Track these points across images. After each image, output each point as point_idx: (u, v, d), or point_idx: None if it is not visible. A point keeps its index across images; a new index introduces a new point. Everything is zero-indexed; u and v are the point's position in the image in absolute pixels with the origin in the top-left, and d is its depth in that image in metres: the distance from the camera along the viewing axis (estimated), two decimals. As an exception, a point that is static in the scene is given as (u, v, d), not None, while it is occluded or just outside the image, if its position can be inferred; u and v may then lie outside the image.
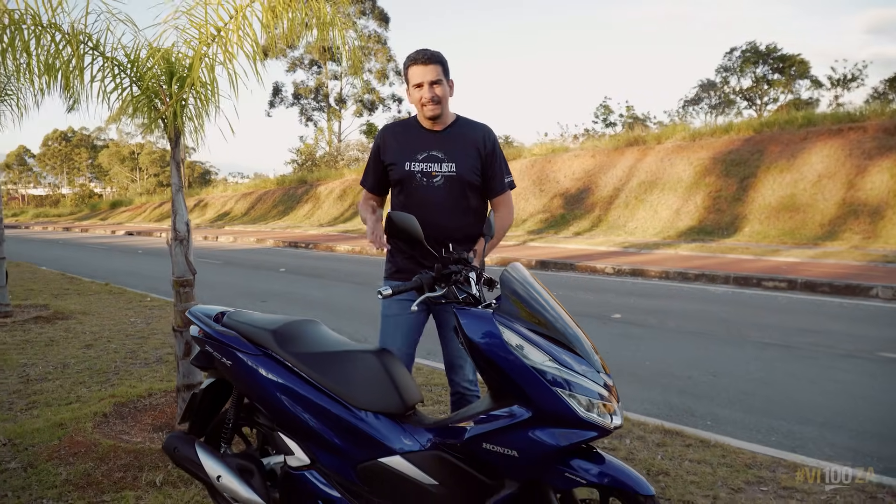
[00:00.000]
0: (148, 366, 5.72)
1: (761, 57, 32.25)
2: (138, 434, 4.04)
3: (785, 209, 15.95)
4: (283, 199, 35.64)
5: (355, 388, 2.53)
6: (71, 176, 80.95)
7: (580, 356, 2.24)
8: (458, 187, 2.91)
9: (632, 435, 4.00)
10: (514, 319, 2.25)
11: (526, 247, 17.11)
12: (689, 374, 5.68)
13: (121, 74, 4.09)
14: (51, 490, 3.34)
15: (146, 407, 4.51)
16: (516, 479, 2.22)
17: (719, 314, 8.38)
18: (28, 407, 4.65)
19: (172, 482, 3.38)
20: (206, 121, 4.13)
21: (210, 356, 2.79)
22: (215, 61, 3.82)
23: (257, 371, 2.62)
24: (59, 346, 6.47)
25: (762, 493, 3.22)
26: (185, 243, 4.07)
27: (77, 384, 5.18)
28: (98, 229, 36.54)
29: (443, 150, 2.91)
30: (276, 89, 45.81)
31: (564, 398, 2.13)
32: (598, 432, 2.16)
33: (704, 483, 3.31)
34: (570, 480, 2.20)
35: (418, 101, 2.88)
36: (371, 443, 2.46)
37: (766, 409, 4.73)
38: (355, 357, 2.63)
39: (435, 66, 2.87)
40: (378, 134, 3.07)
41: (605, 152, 21.99)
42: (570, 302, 9.40)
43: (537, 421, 2.15)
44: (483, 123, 3.08)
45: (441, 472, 2.35)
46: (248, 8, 3.85)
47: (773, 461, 3.58)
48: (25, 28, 4.08)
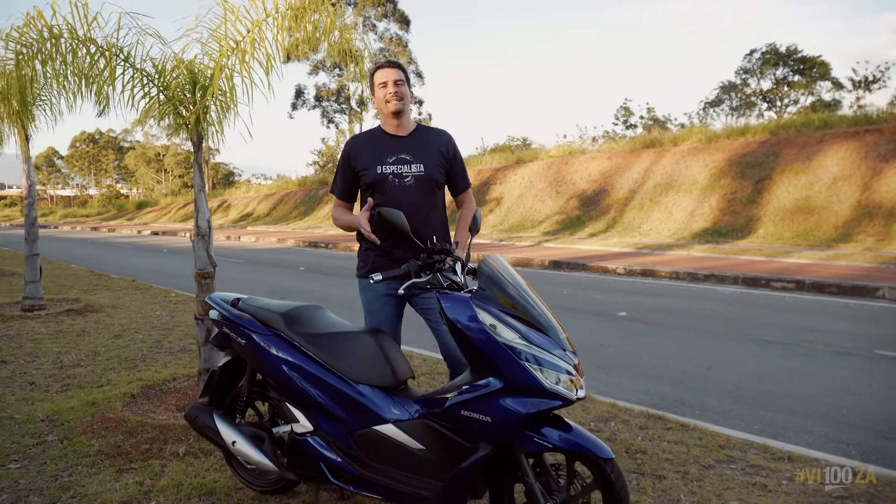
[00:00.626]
0: (172, 354, 6.11)
1: (781, 58, 32.14)
2: (163, 413, 4.41)
3: (799, 211, 16.04)
4: (304, 200, 36.18)
5: (353, 364, 2.86)
6: (98, 177, 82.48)
7: (549, 336, 2.54)
8: (427, 185, 3.19)
9: (617, 419, 4.28)
10: (490, 303, 2.56)
11: (540, 247, 17.36)
12: (685, 367, 5.92)
13: (149, 84, 4.46)
14: (85, 459, 3.71)
15: (170, 390, 4.89)
16: (490, 442, 2.52)
17: (724, 313, 8.59)
18: (63, 389, 5.05)
19: (193, 453, 3.73)
20: (225, 125, 4.49)
21: (227, 336, 3.13)
22: (234, 71, 4.18)
23: (268, 349, 2.96)
24: (89, 337, 6.89)
25: (730, 469, 3.49)
26: (206, 239, 4.43)
27: (107, 370, 5.57)
28: (125, 229, 37.36)
29: (410, 152, 3.20)
30: (299, 92, 46.31)
31: (532, 371, 2.43)
32: (563, 402, 2.46)
33: (678, 460, 3.60)
34: (539, 445, 2.51)
35: (382, 98, 3.17)
36: (366, 412, 2.78)
37: (756, 401, 4.97)
38: (354, 337, 2.96)
39: (397, 70, 3.20)
40: (346, 144, 3.32)
41: (621, 154, 22.16)
42: (578, 300, 9.68)
43: (508, 391, 2.46)
44: (443, 129, 3.38)
45: (427, 438, 2.67)
46: (262, 22, 4.20)
47: (745, 443, 3.85)
48: (63, 41, 4.48)
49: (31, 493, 3.33)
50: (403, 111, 3.21)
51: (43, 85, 7.89)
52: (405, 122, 3.26)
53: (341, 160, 3.33)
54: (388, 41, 45.98)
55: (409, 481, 2.69)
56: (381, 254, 3.20)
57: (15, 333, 7.09)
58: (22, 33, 4.55)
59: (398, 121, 3.23)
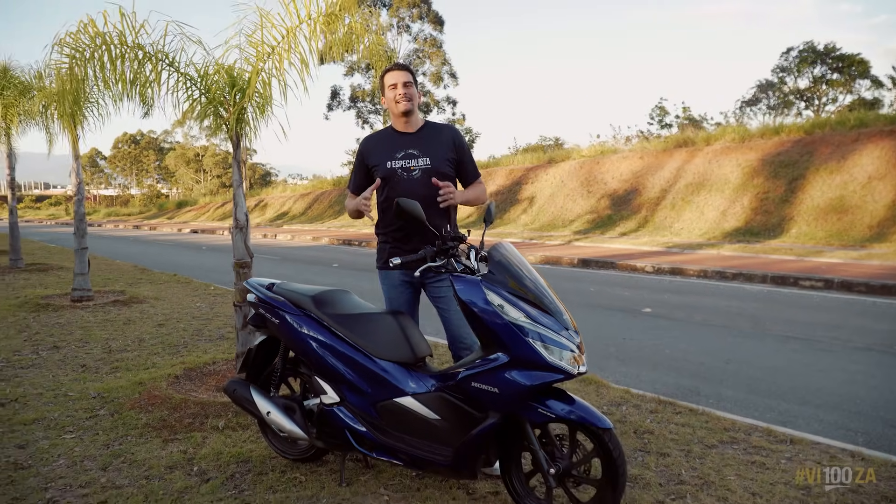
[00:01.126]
0: (212, 341, 6.47)
1: (819, 57, 31.68)
2: (204, 392, 4.74)
3: (833, 210, 15.93)
4: (339, 199, 36.71)
5: (376, 342, 3.13)
6: (139, 177, 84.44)
7: (554, 317, 2.78)
8: (433, 177, 3.38)
9: (629, 404, 4.49)
10: (499, 286, 2.81)
11: (570, 246, 17.50)
12: (703, 360, 6.08)
13: (192, 87, 4.80)
14: (133, 430, 4.05)
15: (211, 372, 5.23)
16: (498, 411, 2.77)
17: (748, 310, 8.68)
18: (112, 370, 5.43)
19: (232, 427, 4.05)
20: (262, 125, 4.81)
21: (263, 317, 3.43)
22: (270, 75, 4.49)
23: (299, 328, 3.25)
24: (135, 325, 7.30)
25: (732, 449, 3.68)
26: (244, 231, 4.75)
27: (152, 354, 5.95)
28: (165, 227, 38.33)
29: (417, 147, 3.45)
30: (334, 93, 46.92)
31: (535, 347, 2.68)
32: (564, 375, 2.70)
33: (682, 440, 3.80)
34: (544, 415, 2.76)
35: (392, 98, 3.42)
36: (388, 386, 3.05)
37: (770, 392, 5.11)
38: (377, 318, 3.23)
39: (406, 73, 3.43)
40: (361, 144, 3.59)
41: (653, 154, 22.15)
42: (604, 297, 9.84)
43: (514, 365, 2.71)
44: (450, 124, 3.62)
45: (442, 409, 2.93)
46: (297, 28, 4.50)
47: (750, 427, 4.03)
48: (113, 47, 4.83)
49: (85, 458, 3.67)
50: (412, 110, 3.45)
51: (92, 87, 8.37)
52: (413, 119, 3.50)
53: (356, 158, 3.60)
54: (423, 42, 46.34)
55: (425, 448, 2.95)
56: (395, 246, 3.46)
57: (66, 322, 7.54)
58: (75, 39, 4.91)
59: (407, 119, 3.48)
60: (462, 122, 47.57)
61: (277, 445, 3.61)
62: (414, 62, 46.87)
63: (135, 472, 3.47)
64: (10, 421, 4.27)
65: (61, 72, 5.02)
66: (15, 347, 6.32)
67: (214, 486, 3.27)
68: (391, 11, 45.44)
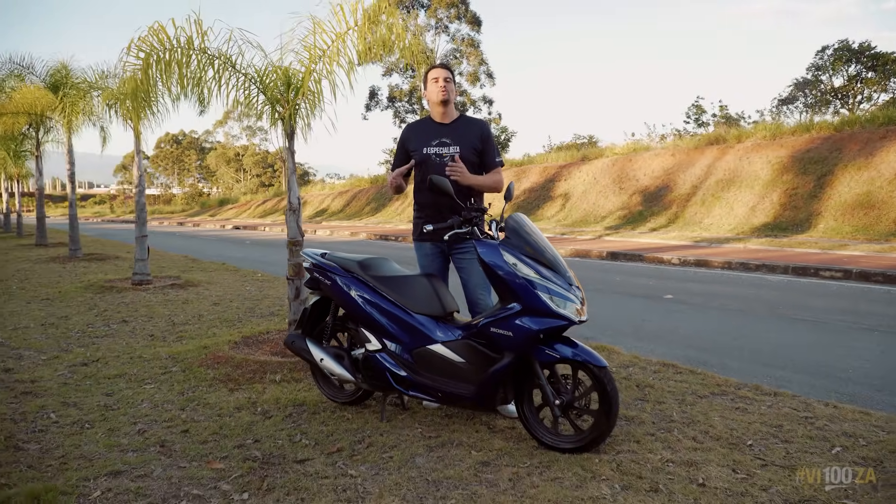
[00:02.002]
0: (263, 317, 7.16)
1: (854, 55, 31.51)
2: (261, 355, 5.40)
3: (860, 206, 16.12)
4: (376, 196, 37.54)
5: (412, 299, 3.74)
6: (181, 176, 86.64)
7: (560, 275, 3.36)
8: (462, 163, 3.96)
9: (636, 366, 5.02)
10: (514, 248, 3.39)
11: (600, 240, 17.95)
12: (715, 338, 6.56)
13: (251, 86, 5.46)
14: (203, 382, 4.72)
15: (265, 340, 5.89)
16: (512, 351, 3.35)
17: (766, 297, 9.09)
18: (177, 339, 6.13)
19: (287, 380, 4.69)
20: (313, 120, 5.46)
21: (317, 280, 4.06)
22: (322, 75, 5.13)
23: (348, 288, 3.87)
24: (192, 304, 8.04)
25: (720, 399, 4.20)
26: (296, 213, 5.40)
27: (211, 326, 6.65)
28: (208, 224, 39.57)
29: (450, 137, 4.05)
30: (372, 93, 47.77)
31: (543, 298, 3.25)
32: (567, 322, 3.27)
33: (678, 392, 4.33)
34: (550, 356, 3.34)
35: (434, 90, 4.01)
36: (422, 335, 3.65)
37: (772, 363, 5.56)
38: (413, 279, 3.84)
39: (447, 71, 4.06)
40: (403, 130, 4.22)
41: (685, 151, 22.44)
42: (629, 285, 10.33)
43: (525, 313, 3.29)
44: (480, 119, 4.22)
45: (467, 354, 3.52)
46: (346, 34, 5.13)
47: (739, 383, 4.54)
48: (180, 50, 5.51)
49: (165, 402, 4.34)
50: (449, 101, 4.06)
51: (158, 86, 9.14)
52: (449, 111, 4.11)
53: (399, 143, 4.24)
54: (461, 41, 46.94)
55: (452, 386, 3.54)
56: (427, 221, 4.04)
57: (130, 301, 8.31)
58: (146, 42, 5.59)
59: (444, 109, 4.09)
60: (498, 121, 48.03)
61: (327, 391, 4.24)
62: (452, 62, 47.49)
63: (208, 411, 4.13)
64: (96, 376, 4.97)
65: (136, 74, 5.71)
66: (88, 321, 7.08)
67: (276, 421, 3.91)
68: (429, 12, 46.09)
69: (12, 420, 3.99)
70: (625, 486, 2.98)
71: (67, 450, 3.51)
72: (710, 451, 3.36)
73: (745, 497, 2.87)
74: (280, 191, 53.85)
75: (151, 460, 3.36)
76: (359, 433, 3.72)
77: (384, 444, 3.55)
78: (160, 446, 3.55)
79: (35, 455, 3.45)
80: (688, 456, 3.30)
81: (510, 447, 3.48)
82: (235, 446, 3.53)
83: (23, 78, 14.40)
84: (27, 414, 4.10)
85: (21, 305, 8.12)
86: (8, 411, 4.15)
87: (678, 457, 3.30)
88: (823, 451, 3.36)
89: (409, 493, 2.95)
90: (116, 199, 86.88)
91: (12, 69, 13.82)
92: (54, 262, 13.34)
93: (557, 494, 2.90)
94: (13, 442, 3.63)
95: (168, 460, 3.36)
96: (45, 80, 13.15)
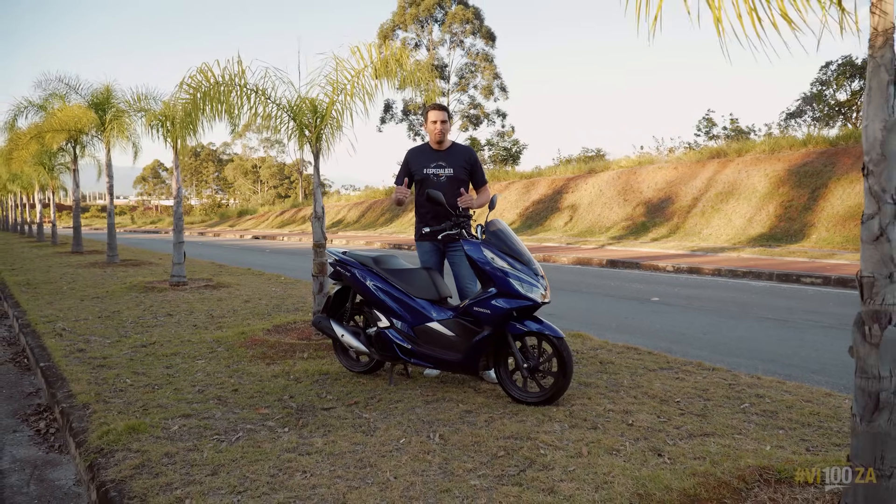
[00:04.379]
0: (290, 311, 8.18)
1: (857, 70, 32.23)
2: (290, 339, 6.41)
3: (851, 217, 16.95)
4: (390, 207, 38.66)
5: (415, 286, 4.74)
6: (199, 188, 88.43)
7: (529, 268, 4.34)
8: (454, 182, 5.04)
9: (603, 349, 5.97)
10: (493, 246, 4.38)
11: (602, 250, 18.87)
12: (685, 332, 7.49)
13: (282, 114, 6.50)
14: (244, 358, 5.73)
15: (293, 328, 6.91)
16: (490, 325, 4.33)
17: (744, 300, 9.99)
18: (218, 328, 7.16)
19: (313, 357, 5.69)
20: (334, 143, 6.50)
21: (339, 273, 5.06)
22: (344, 105, 6.17)
23: (364, 279, 4.87)
24: (226, 301, 9.09)
25: (665, 372, 5.15)
26: (321, 220, 6.43)
27: (245, 318, 7.69)
28: (228, 234, 40.86)
29: (445, 161, 5.09)
30: (387, 106, 48.96)
31: (513, 283, 4.23)
32: (532, 303, 4.24)
33: (632, 367, 5.28)
34: (520, 329, 4.31)
35: (432, 130, 5.05)
36: (422, 315, 4.64)
37: (730, 352, 6.43)
38: (416, 271, 4.85)
39: (443, 112, 5.07)
40: (406, 154, 5.23)
41: (687, 164, 23.35)
42: (621, 289, 11.26)
43: (500, 295, 4.27)
44: (467, 146, 5.24)
45: (456, 329, 4.50)
46: (363, 71, 6.16)
47: (686, 361, 5.48)
48: (223, 85, 6.56)
49: (216, 372, 5.34)
50: (443, 140, 5.10)
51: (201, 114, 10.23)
52: (444, 142, 5.14)
53: (403, 164, 5.26)
54: (475, 56, 48.06)
55: (443, 355, 4.52)
56: (425, 225, 5.07)
57: (171, 299, 9.37)
58: (194, 79, 6.65)
59: (440, 143, 5.13)
60: (511, 133, 49.01)
61: (346, 362, 5.23)
62: (466, 76, 48.62)
63: (251, 378, 5.13)
64: (155, 354, 5.99)
65: (186, 105, 6.77)
66: (138, 315, 8.13)
67: (306, 385, 4.91)
68: (444, 27, 47.21)
69: (96, 384, 5.01)
70: (572, 426, 3.94)
71: (145, 402, 4.53)
72: (644, 405, 4.31)
73: (661, 433, 3.81)
74: (297, 202, 55.16)
75: (212, 408, 4.37)
76: (372, 392, 4.71)
77: (391, 399, 4.53)
78: (217, 400, 4.56)
79: (121, 406, 4.46)
80: (625, 407, 4.26)
81: (489, 402, 4.45)
82: (276, 400, 4.53)
83: (64, 97, 15.61)
84: (107, 380, 5.12)
85: (76, 302, 9.20)
86: (91, 378, 5.18)
87: (618, 407, 4.25)
88: (734, 407, 4.30)
89: (408, 428, 3.93)
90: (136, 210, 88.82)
91: (57, 89, 15.03)
92: (95, 267, 14.47)
93: (519, 429, 3.87)
94: (102, 398, 4.65)
95: (225, 408, 4.37)
96: (87, 99, 14.31)
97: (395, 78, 6.37)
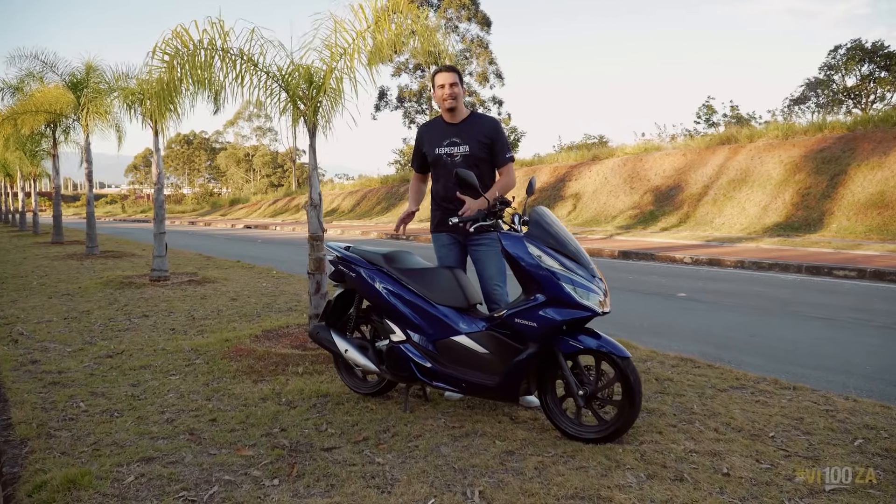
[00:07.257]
0: (282, 312, 7.23)
1: (867, 54, 31.36)
2: (282, 348, 5.47)
3: (874, 206, 16.07)
4: (386, 196, 37.62)
5: (436, 291, 3.79)
6: (191, 176, 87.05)
7: (584, 267, 3.41)
8: (471, 161, 4.10)
9: (654, 360, 5.06)
10: (537, 240, 3.44)
11: (612, 240, 17.96)
12: (729, 334, 6.58)
13: (273, 84, 5.52)
14: (227, 374, 4.79)
15: (285, 333, 5.96)
16: (536, 342, 3.40)
17: (779, 295, 9.10)
18: (198, 333, 6.21)
19: (309, 372, 4.75)
20: (333, 117, 5.52)
21: (341, 272, 4.12)
22: (343, 73, 5.19)
23: (372, 281, 3.93)
24: (210, 300, 8.12)
25: (740, 392, 4.24)
26: (317, 208, 5.47)
27: (231, 321, 6.73)
28: (219, 223, 39.74)
29: (459, 137, 4.14)
30: (382, 93, 47.86)
31: (566, 289, 3.30)
32: (590, 313, 3.32)
33: (697, 385, 4.37)
34: (573, 347, 3.38)
35: (441, 97, 4.11)
36: (445, 326, 3.71)
37: (787, 359, 5.58)
38: (437, 271, 3.90)
39: (453, 74, 4.11)
40: (418, 130, 4.34)
41: (696, 151, 22.42)
42: (641, 284, 10.35)
43: (549, 304, 3.34)
44: (491, 117, 4.27)
45: (491, 345, 3.57)
46: (366, 32, 5.19)
47: (758, 377, 4.57)
48: (203, 51, 5.57)
49: (191, 392, 4.41)
50: (456, 107, 4.15)
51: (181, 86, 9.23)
52: (458, 112, 4.19)
53: (416, 142, 4.37)
54: (470, 42, 46.99)
55: (476, 376, 3.59)
56: (445, 212, 4.16)
57: (149, 296, 8.41)
58: (170, 45, 5.66)
59: (452, 112, 4.18)
60: (508, 121, 48.04)
61: (350, 382, 4.30)
62: (461, 62, 47.51)
63: (234, 401, 4.19)
64: (121, 367, 5.05)
65: (161, 75, 5.78)
66: (109, 316, 7.17)
67: (301, 411, 3.98)
68: (439, 12, 46.14)
69: (43, 409, 4.07)
70: (650, 475, 3.03)
71: (99, 437, 3.59)
72: (733, 442, 3.40)
73: (771, 486, 2.90)
74: (290, 190, 54.00)
75: (182, 447, 3.43)
76: (383, 423, 3.78)
77: (409, 433, 3.60)
78: (189, 434, 3.62)
79: (67, 442, 3.52)
80: (711, 446, 3.34)
81: (534, 437, 3.53)
82: (263, 434, 3.60)
83: (41, 78, 14.54)
84: (57, 403, 4.18)
85: (43, 300, 8.23)
86: (38, 401, 4.23)
87: (701, 447, 3.34)
88: (846, 444, 3.40)
89: (436, 479, 3.01)
90: (127, 199, 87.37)
91: (32, 67, 13.95)
92: (72, 259, 13.47)
93: (584, 482, 2.95)
94: (45, 430, 3.71)
95: (198, 447, 3.43)
96: (65, 79, 13.26)
97: (409, 39, 5.41)
